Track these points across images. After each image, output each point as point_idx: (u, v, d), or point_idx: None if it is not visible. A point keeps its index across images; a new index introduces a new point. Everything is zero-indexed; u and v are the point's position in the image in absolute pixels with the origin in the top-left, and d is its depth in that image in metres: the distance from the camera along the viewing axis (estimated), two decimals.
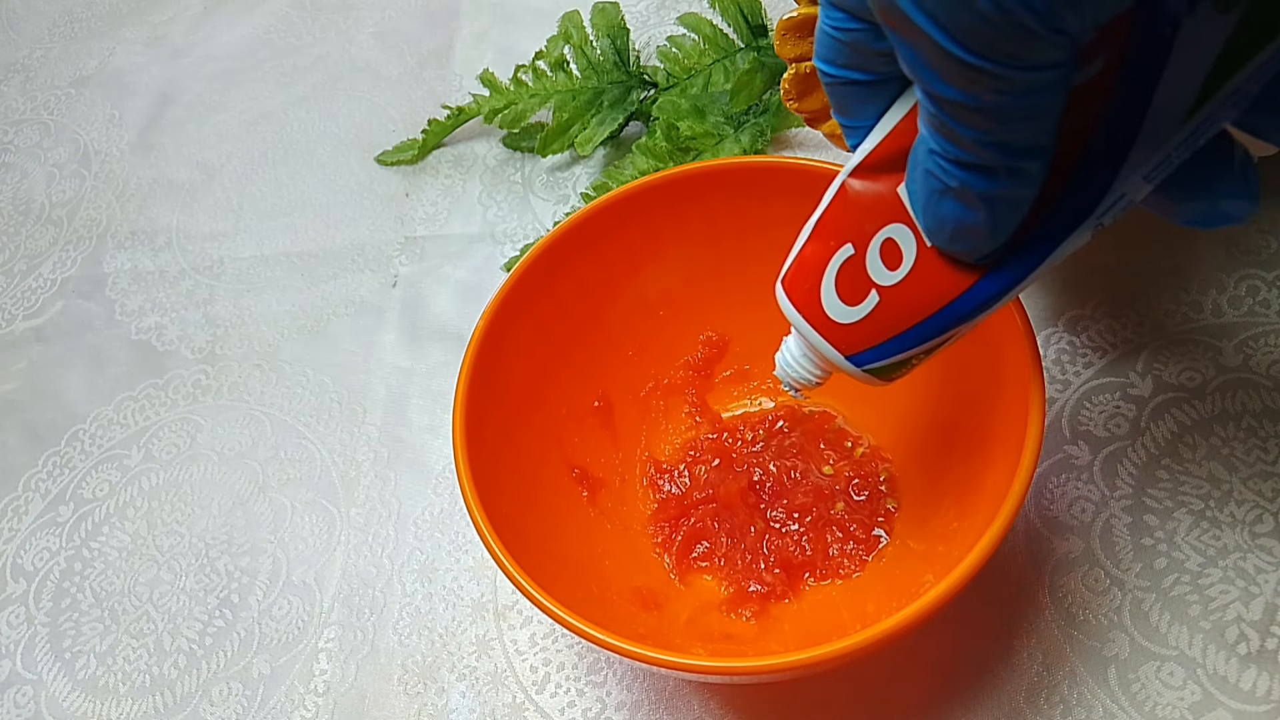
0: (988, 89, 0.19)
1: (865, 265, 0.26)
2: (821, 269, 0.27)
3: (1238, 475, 0.39)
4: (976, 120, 0.20)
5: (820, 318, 0.27)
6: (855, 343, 0.27)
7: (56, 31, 0.72)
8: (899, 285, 0.26)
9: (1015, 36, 0.18)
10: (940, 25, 0.19)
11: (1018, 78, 0.19)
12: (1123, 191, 0.22)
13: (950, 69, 0.19)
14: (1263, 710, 0.34)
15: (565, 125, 0.53)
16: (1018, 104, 0.20)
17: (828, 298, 0.27)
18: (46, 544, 0.47)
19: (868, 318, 0.27)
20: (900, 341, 0.26)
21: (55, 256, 0.59)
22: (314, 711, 0.40)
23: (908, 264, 0.25)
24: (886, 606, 0.34)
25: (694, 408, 0.43)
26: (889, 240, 0.26)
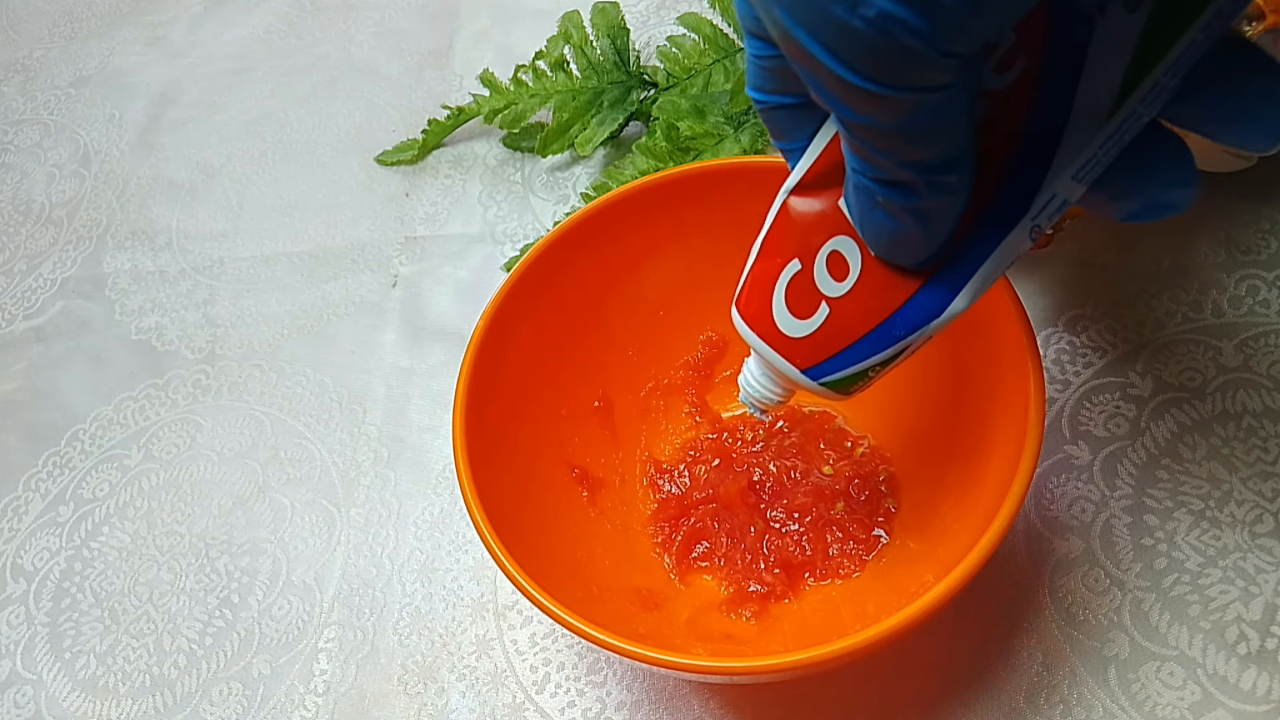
0: (888, 112, 0.20)
1: (814, 279, 0.27)
2: (771, 286, 0.28)
3: (1238, 475, 0.39)
4: (885, 141, 0.21)
5: (774, 334, 0.28)
6: (810, 356, 0.28)
7: (56, 31, 0.72)
8: (847, 296, 0.26)
9: (905, 62, 0.19)
10: (834, 54, 0.19)
11: (914, 99, 0.20)
12: (1054, 192, 0.22)
13: (850, 95, 0.20)
14: (1263, 710, 0.34)
15: (565, 125, 0.53)
16: (920, 123, 0.20)
17: (779, 313, 0.28)
18: (46, 544, 0.47)
19: (820, 330, 0.27)
20: (854, 352, 0.27)
21: (55, 256, 0.59)
22: (314, 711, 0.40)
23: (854, 274, 0.26)
24: (886, 606, 0.34)
25: (694, 408, 0.43)
26: (835, 253, 0.26)
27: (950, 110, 0.20)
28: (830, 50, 0.19)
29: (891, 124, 0.20)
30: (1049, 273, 0.45)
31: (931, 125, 0.20)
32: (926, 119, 0.20)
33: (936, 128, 0.21)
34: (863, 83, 0.19)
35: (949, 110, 0.20)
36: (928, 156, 0.21)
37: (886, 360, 0.27)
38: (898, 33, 0.18)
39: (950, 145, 0.21)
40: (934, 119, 0.20)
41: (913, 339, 0.26)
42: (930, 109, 0.20)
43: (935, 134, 0.21)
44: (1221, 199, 0.45)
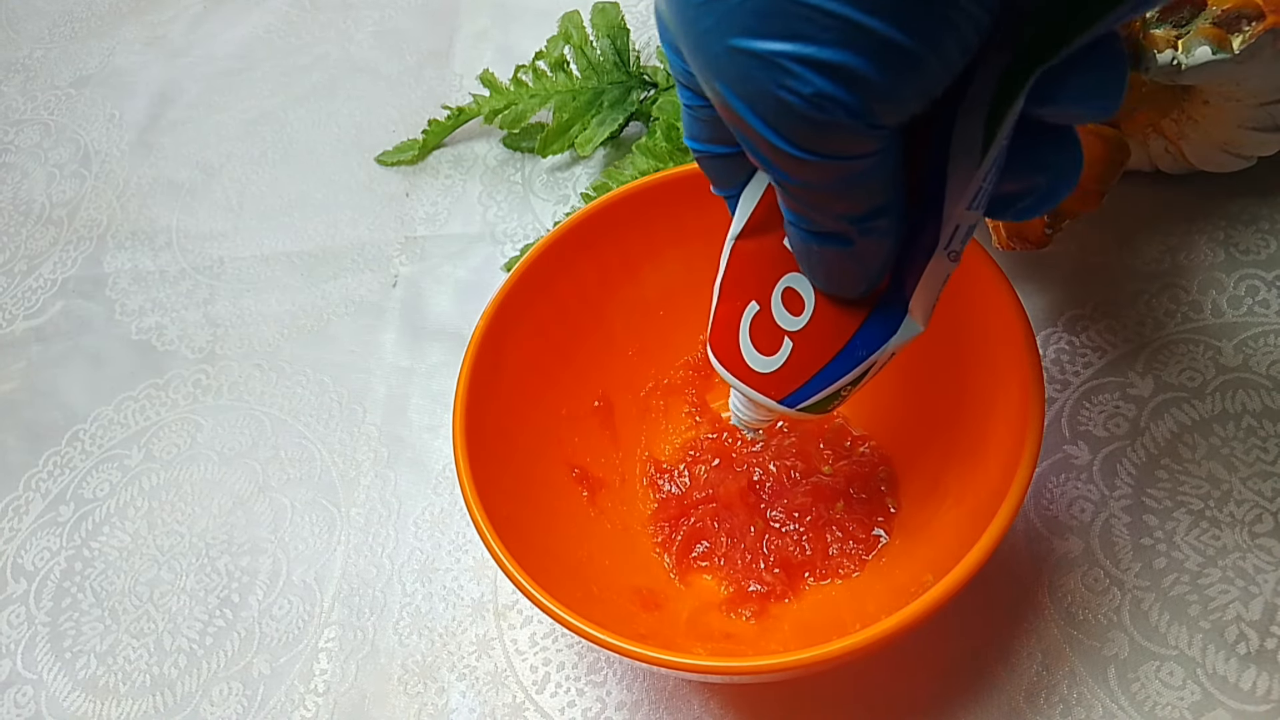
0: (819, 176, 0.21)
1: (773, 317, 0.28)
2: (736, 327, 0.29)
3: (1237, 475, 0.39)
4: (817, 199, 0.22)
5: (746, 371, 0.29)
6: (783, 388, 0.29)
7: (56, 31, 0.72)
8: (806, 328, 0.28)
9: (838, 135, 0.20)
10: (769, 125, 0.20)
11: (846, 165, 0.21)
12: (956, 223, 0.24)
13: (784, 160, 0.21)
14: (1262, 710, 0.34)
15: (565, 125, 0.53)
16: (850, 183, 0.21)
17: (747, 352, 0.29)
18: (47, 544, 0.47)
19: (787, 363, 0.28)
20: (822, 378, 0.28)
21: (55, 256, 0.59)
22: (314, 711, 0.40)
23: (809, 308, 0.27)
24: (886, 606, 0.34)
25: (694, 408, 0.43)
26: (789, 289, 0.28)
27: (879, 171, 0.21)
28: (766, 122, 0.20)
29: (823, 185, 0.21)
30: (1049, 273, 0.45)
31: (861, 184, 0.22)
32: (857, 180, 0.21)
33: (866, 186, 0.22)
34: (796, 151, 0.20)
35: (878, 171, 0.21)
36: (859, 209, 0.22)
37: (856, 379, 0.28)
38: (830, 109, 0.19)
39: (880, 195, 0.22)
40: (863, 179, 0.21)
41: (876, 356, 0.27)
42: (860, 172, 0.21)
43: (865, 190, 0.22)
44: (1221, 199, 0.45)
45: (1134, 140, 0.43)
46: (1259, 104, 0.39)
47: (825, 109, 0.19)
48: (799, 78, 0.19)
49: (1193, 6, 0.35)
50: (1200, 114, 0.40)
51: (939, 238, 0.24)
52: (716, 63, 0.20)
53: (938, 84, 0.20)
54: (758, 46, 0.19)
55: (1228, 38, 0.35)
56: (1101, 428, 0.41)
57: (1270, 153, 0.42)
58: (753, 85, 0.19)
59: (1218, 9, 0.35)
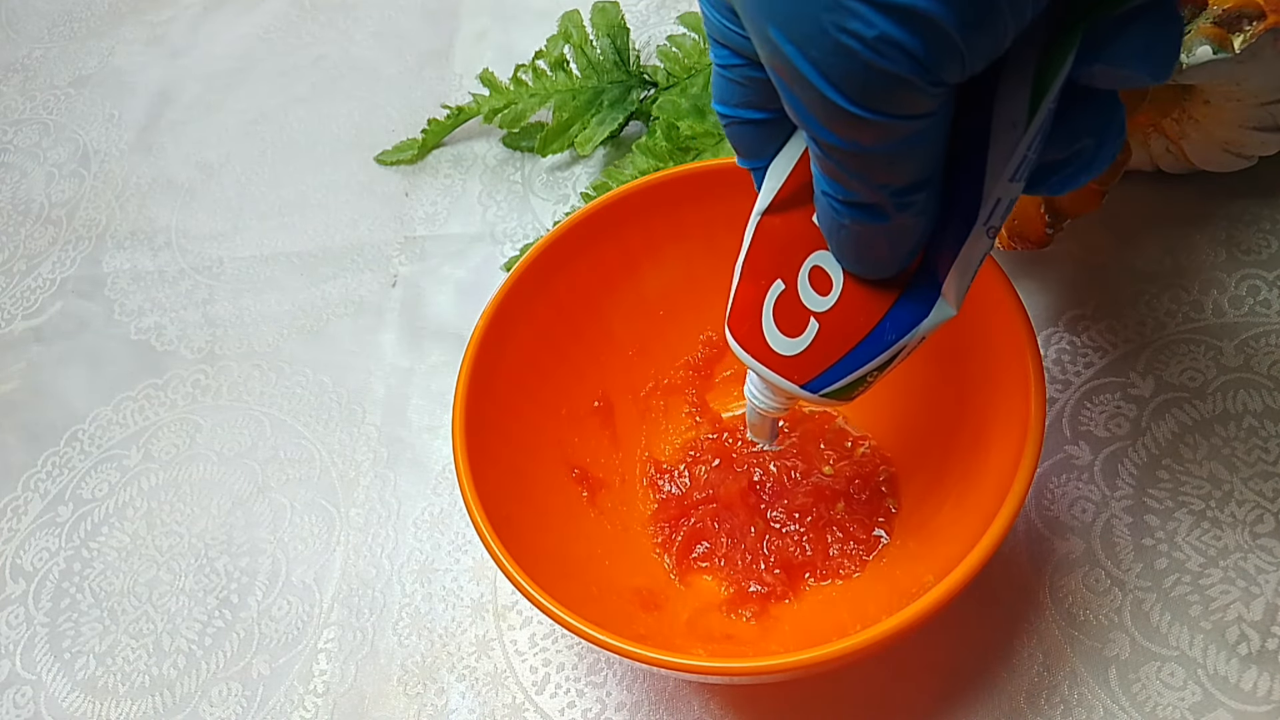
0: (871, 136, 0.20)
1: (799, 296, 0.27)
2: (759, 308, 0.28)
3: (1238, 475, 0.39)
4: (861, 164, 0.21)
5: (768, 354, 0.28)
6: (806, 371, 0.28)
7: (56, 31, 0.72)
8: (834, 309, 0.26)
9: (897, 88, 0.18)
10: (824, 75, 0.19)
11: (901, 126, 0.19)
12: (997, 196, 0.23)
13: (834, 117, 0.19)
14: (1263, 711, 0.34)
15: (565, 125, 0.53)
16: (901, 148, 0.20)
17: (770, 334, 0.28)
18: (46, 544, 0.47)
19: (812, 346, 0.27)
20: (848, 363, 0.27)
21: (54, 256, 0.59)
22: (314, 712, 0.40)
23: (837, 288, 0.26)
24: (887, 607, 0.34)
25: (694, 408, 0.43)
26: (816, 268, 0.26)
27: (929, 137, 0.20)
28: (821, 70, 0.19)
29: (872, 147, 0.20)
30: (1049, 273, 0.45)
31: (911, 151, 0.20)
32: (908, 145, 0.20)
33: (915, 153, 0.21)
34: (850, 106, 0.19)
35: (929, 136, 0.20)
36: (902, 180, 0.21)
37: (883, 364, 0.27)
38: (894, 58, 0.18)
39: (925, 166, 0.21)
40: (914, 145, 0.20)
41: (905, 341, 0.26)
42: (913, 136, 0.20)
43: (913, 158, 0.21)
44: (1222, 199, 0.45)
45: (1135, 140, 0.43)
46: (1260, 103, 0.39)
47: (888, 57, 0.18)
48: (863, 19, 0.17)
49: (1194, 6, 0.35)
50: (1201, 113, 0.40)
51: (978, 213, 0.23)
52: (772, 2, 0.18)
53: (1006, 38, 0.19)
54: None
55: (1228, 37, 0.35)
56: (1103, 428, 0.41)
57: (1271, 152, 0.42)
58: (811, 27, 0.18)
59: (1219, 8, 0.35)
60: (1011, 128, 0.21)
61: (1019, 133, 0.21)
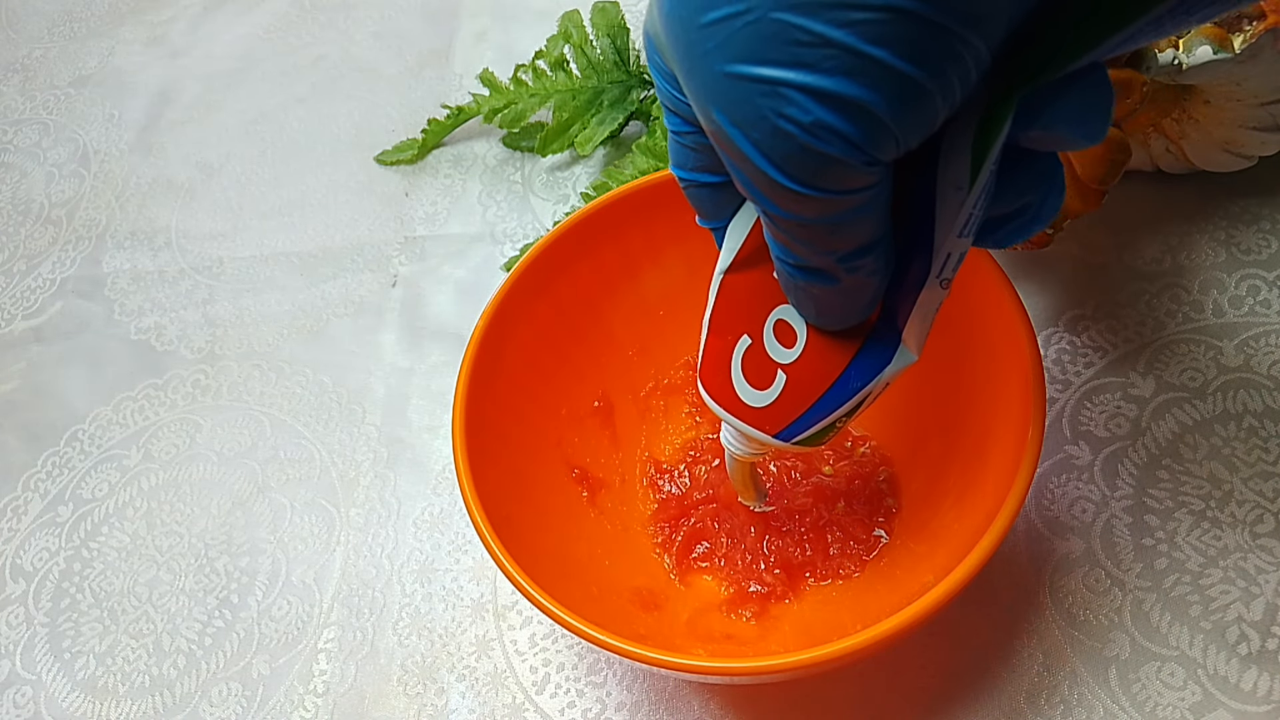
0: (813, 210, 0.21)
1: (765, 350, 0.28)
2: (727, 362, 0.29)
3: (1239, 475, 0.39)
4: (807, 234, 0.22)
5: (739, 406, 0.29)
6: (777, 422, 0.29)
7: (56, 31, 0.72)
8: (800, 361, 0.27)
9: (835, 168, 0.19)
10: (765, 155, 0.19)
11: (841, 200, 0.20)
12: (948, 251, 0.24)
13: (776, 192, 0.20)
14: (1263, 711, 0.34)
15: (565, 125, 0.53)
16: (843, 219, 0.21)
17: (740, 387, 0.29)
18: (46, 544, 0.47)
19: (781, 397, 0.28)
20: (816, 412, 0.28)
21: (54, 256, 0.59)
22: (313, 712, 0.40)
23: (801, 340, 0.27)
24: (887, 607, 0.34)
25: (694, 408, 0.43)
26: (780, 322, 0.27)
27: (870, 208, 0.21)
28: (761, 150, 0.19)
29: (814, 219, 0.21)
30: (1049, 273, 0.45)
31: (853, 220, 0.21)
32: (849, 216, 0.21)
33: (858, 222, 0.21)
34: (790, 184, 0.20)
35: (870, 208, 0.21)
36: (847, 246, 0.22)
37: (850, 410, 0.27)
38: (831, 141, 0.19)
39: (869, 234, 0.22)
40: (856, 215, 0.21)
41: (870, 387, 0.27)
42: (853, 208, 0.21)
43: (856, 227, 0.22)
44: (1222, 199, 0.45)
45: (1135, 140, 0.43)
46: (1260, 103, 0.39)
47: (824, 140, 0.19)
48: (799, 106, 0.18)
49: None
50: (1201, 113, 0.40)
51: (930, 267, 0.24)
52: (714, 87, 0.19)
53: (938, 119, 0.20)
54: (759, 72, 0.18)
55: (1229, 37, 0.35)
56: (1103, 428, 0.41)
57: (1271, 152, 0.42)
58: (750, 111, 0.19)
59: None
60: (956, 190, 0.22)
61: (963, 194, 0.22)
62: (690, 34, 0.19)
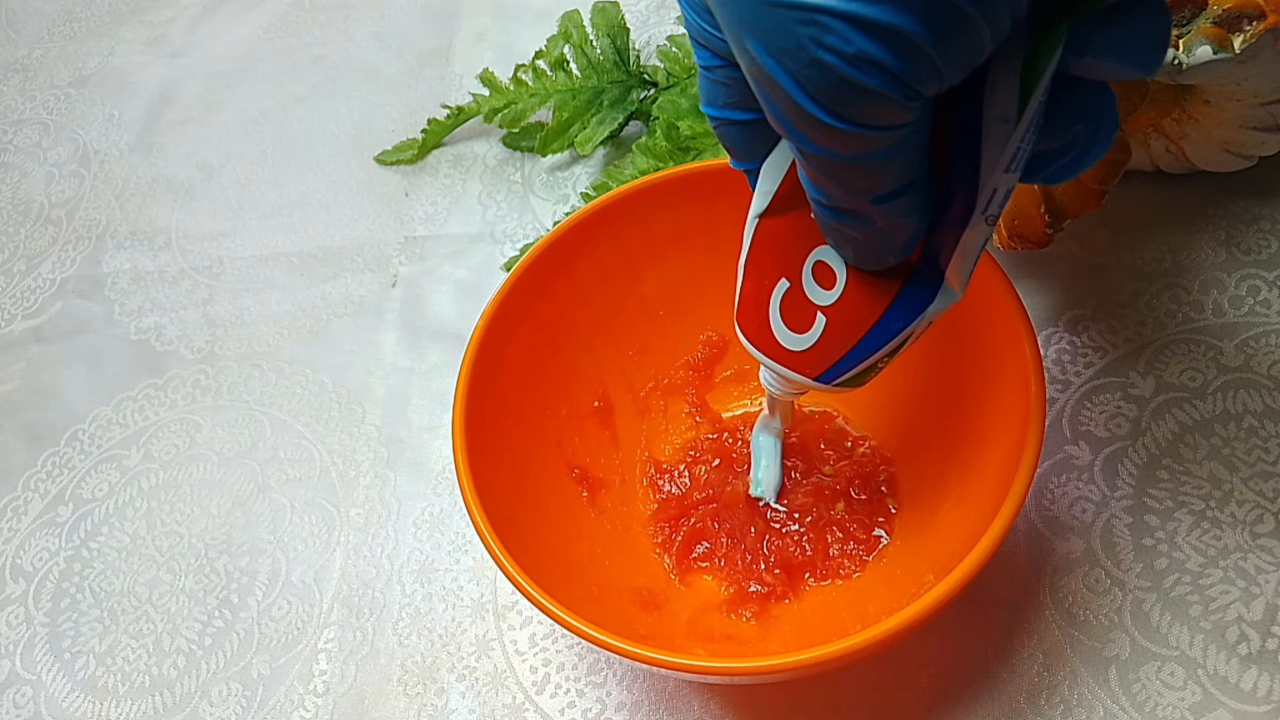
0: (849, 146, 0.20)
1: (804, 292, 0.27)
2: (765, 305, 0.28)
3: (1239, 475, 0.39)
4: (841, 171, 0.21)
5: (778, 350, 0.29)
6: (817, 365, 0.28)
7: (56, 31, 0.72)
8: (839, 302, 0.27)
9: (874, 101, 0.19)
10: (801, 87, 0.19)
11: (878, 136, 0.20)
12: (994, 187, 0.23)
13: (812, 127, 0.20)
14: (1263, 711, 0.34)
15: (565, 125, 0.53)
16: (879, 157, 0.20)
17: (779, 331, 0.28)
18: (46, 544, 0.47)
19: (821, 339, 0.28)
20: (857, 353, 0.27)
21: (54, 256, 0.59)
22: (314, 712, 0.40)
23: (841, 281, 0.26)
24: (887, 607, 0.34)
25: (694, 408, 0.43)
26: (819, 263, 0.27)
27: (908, 145, 0.20)
28: (798, 82, 0.19)
29: (851, 157, 0.20)
30: (1049, 273, 0.45)
31: (889, 159, 0.21)
32: (886, 154, 0.20)
33: (894, 161, 0.21)
34: (827, 118, 0.19)
35: (907, 146, 0.20)
36: (883, 187, 0.21)
37: (893, 350, 0.27)
38: (871, 73, 0.18)
39: (907, 171, 0.21)
40: (892, 154, 0.20)
41: (913, 327, 0.26)
42: (890, 145, 0.20)
43: (892, 166, 0.21)
44: (1222, 199, 0.45)
45: (1135, 140, 0.43)
46: (1260, 103, 0.39)
47: (865, 72, 0.18)
48: (839, 34, 0.18)
49: (1194, 6, 0.35)
50: (1201, 113, 0.40)
51: (975, 202, 0.23)
52: (749, 14, 0.18)
53: (984, 51, 0.19)
54: None
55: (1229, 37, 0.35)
56: (1103, 428, 0.41)
57: (1271, 152, 0.42)
58: (789, 41, 0.18)
59: (1219, 8, 0.35)
60: (1003, 122, 0.21)
61: (1010, 127, 0.21)
62: None
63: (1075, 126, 0.22)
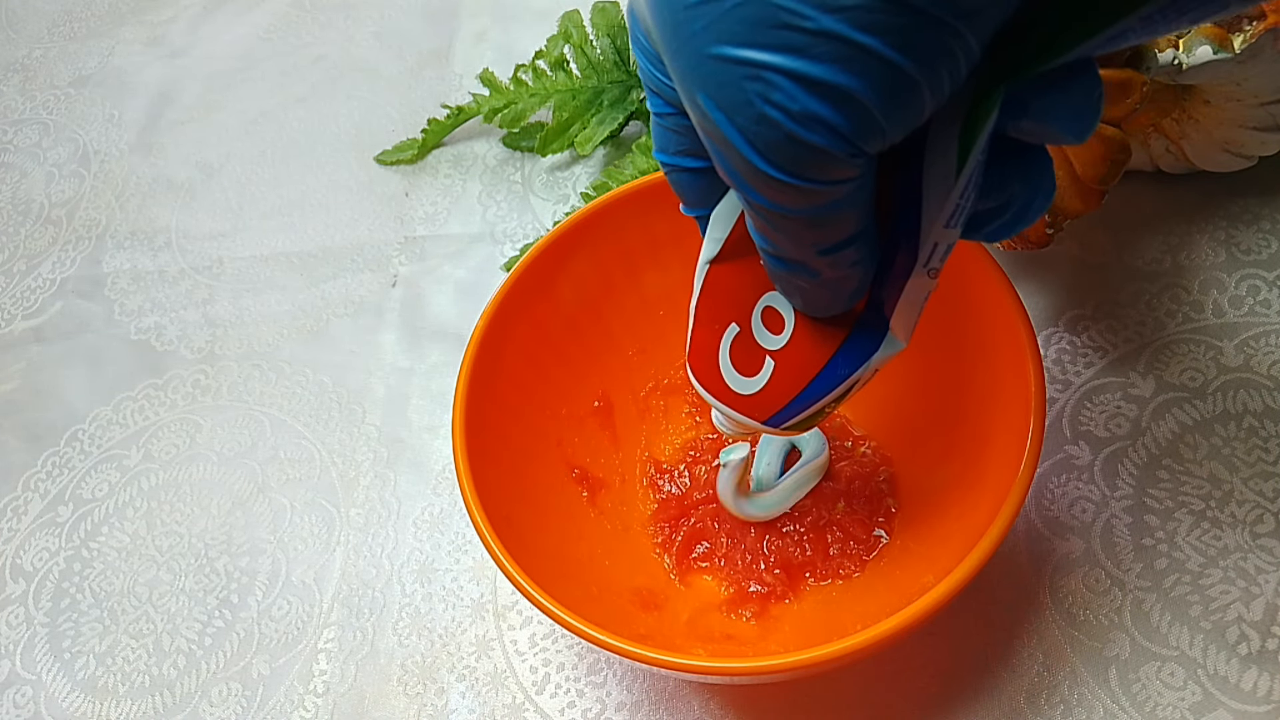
0: (795, 200, 0.20)
1: (754, 337, 0.28)
2: (715, 351, 0.29)
3: (1238, 475, 0.39)
4: (788, 224, 0.21)
5: (728, 394, 0.29)
6: (766, 409, 0.28)
7: (56, 31, 0.72)
8: (787, 347, 0.27)
9: (820, 158, 0.19)
10: (749, 142, 0.19)
11: (824, 191, 0.20)
12: (935, 241, 0.24)
13: (759, 181, 0.20)
14: (1263, 711, 0.34)
15: (565, 125, 0.53)
16: (825, 211, 0.21)
17: (728, 374, 0.29)
18: (46, 544, 0.47)
19: (769, 384, 0.28)
20: (805, 398, 0.27)
21: (54, 256, 0.59)
22: (314, 712, 0.40)
23: (789, 326, 0.27)
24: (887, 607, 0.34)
25: (694, 408, 0.43)
26: (768, 308, 0.27)
27: (853, 200, 0.21)
28: (746, 137, 0.19)
29: (797, 210, 0.21)
30: (1049, 273, 0.45)
31: (835, 213, 0.21)
32: (831, 208, 0.21)
33: (840, 215, 0.21)
34: (774, 172, 0.19)
35: (852, 200, 0.21)
36: (829, 239, 0.22)
37: (839, 396, 0.27)
38: (817, 130, 0.18)
39: (852, 227, 0.22)
40: (838, 208, 0.21)
41: (858, 374, 0.26)
42: (836, 200, 0.20)
43: (837, 220, 0.21)
44: (1223, 198, 0.45)
45: (1135, 140, 0.43)
46: (1260, 103, 0.39)
47: (810, 129, 0.18)
48: (786, 92, 0.18)
49: None
50: (1201, 113, 0.40)
51: (917, 256, 0.24)
52: (700, 69, 0.19)
53: (925, 111, 0.19)
54: (747, 55, 0.18)
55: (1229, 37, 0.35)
56: (1103, 428, 0.41)
57: (1271, 152, 0.42)
58: (736, 96, 0.19)
59: None
60: (942, 180, 0.22)
61: (950, 184, 0.22)
62: (677, 13, 0.19)
63: (1014, 186, 0.23)
